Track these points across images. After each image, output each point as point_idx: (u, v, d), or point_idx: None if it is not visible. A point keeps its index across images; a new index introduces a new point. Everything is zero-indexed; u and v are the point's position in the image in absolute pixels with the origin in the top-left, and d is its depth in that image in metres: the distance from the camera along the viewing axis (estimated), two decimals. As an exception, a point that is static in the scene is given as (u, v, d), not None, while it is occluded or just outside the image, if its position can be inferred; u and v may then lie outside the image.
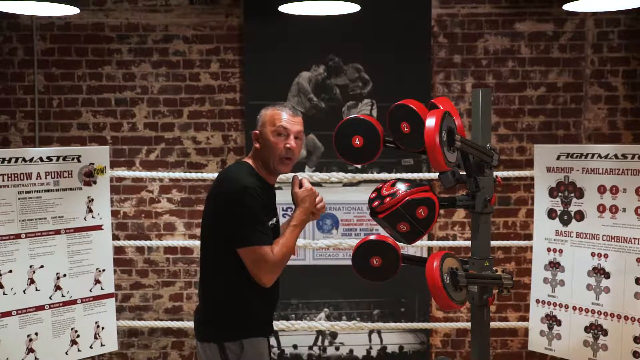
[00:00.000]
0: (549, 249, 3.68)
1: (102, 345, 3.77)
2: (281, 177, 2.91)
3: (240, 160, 2.74)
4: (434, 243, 4.43)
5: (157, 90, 4.67)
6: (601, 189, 3.49)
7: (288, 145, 2.62)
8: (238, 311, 2.58)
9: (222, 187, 2.60)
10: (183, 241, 4.59)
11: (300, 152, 2.73)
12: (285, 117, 2.65)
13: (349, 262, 2.72)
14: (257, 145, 2.66)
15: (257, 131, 2.67)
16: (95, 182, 3.73)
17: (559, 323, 3.64)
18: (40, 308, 3.54)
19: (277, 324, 4.03)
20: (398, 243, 2.65)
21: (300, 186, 2.70)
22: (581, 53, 4.66)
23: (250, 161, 2.68)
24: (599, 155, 3.50)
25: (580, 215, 3.57)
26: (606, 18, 4.62)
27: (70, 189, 3.65)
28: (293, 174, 2.84)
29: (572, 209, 3.60)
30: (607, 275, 3.46)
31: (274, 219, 2.68)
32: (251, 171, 2.63)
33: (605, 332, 3.46)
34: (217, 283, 2.61)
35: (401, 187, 2.48)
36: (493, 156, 2.57)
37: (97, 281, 3.75)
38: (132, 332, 4.72)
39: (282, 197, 2.95)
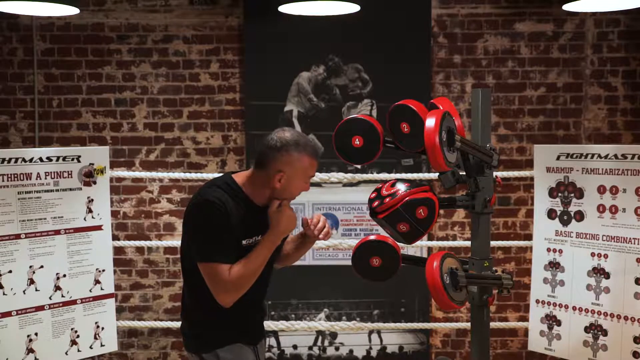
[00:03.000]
0: (548, 249, 3.68)
1: (102, 345, 3.77)
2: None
3: (227, 173, 2.57)
4: (434, 243, 4.43)
5: (157, 91, 4.67)
6: (601, 189, 3.49)
7: (306, 189, 2.53)
8: (208, 322, 2.51)
9: (191, 199, 2.49)
10: (183, 241, 4.59)
11: None
12: (316, 165, 2.51)
13: (349, 262, 2.72)
14: (277, 185, 2.44)
15: (283, 173, 2.42)
16: (95, 183, 3.72)
17: (558, 323, 3.64)
18: (40, 308, 3.54)
19: (277, 324, 4.03)
20: (398, 243, 2.65)
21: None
22: (581, 53, 4.66)
23: (239, 179, 2.50)
24: (599, 156, 3.50)
25: (580, 216, 3.57)
26: (606, 18, 4.62)
27: (70, 189, 3.65)
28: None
29: (572, 209, 3.60)
30: (607, 276, 3.46)
31: (254, 238, 2.49)
32: (229, 187, 2.45)
33: (605, 332, 3.46)
34: (189, 294, 2.55)
35: (401, 187, 2.48)
36: (493, 156, 2.57)
37: (97, 281, 3.74)
38: (132, 332, 4.72)
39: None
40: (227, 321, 2.50)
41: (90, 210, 3.72)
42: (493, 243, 3.40)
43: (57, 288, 3.59)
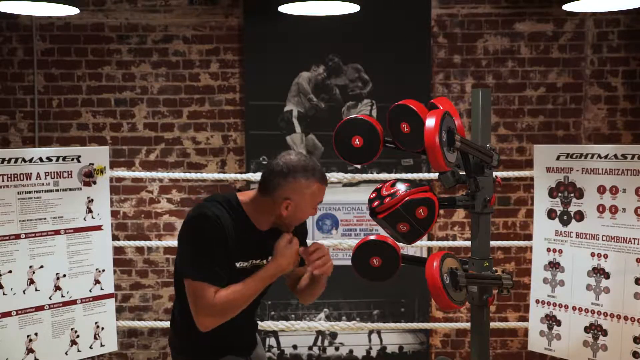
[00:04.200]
0: (548, 249, 3.68)
1: (101, 345, 3.77)
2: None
3: (232, 192, 2.46)
4: (434, 243, 4.43)
5: (156, 91, 4.67)
6: (601, 189, 3.49)
7: (314, 214, 2.43)
8: (199, 336, 2.34)
9: (189, 211, 2.36)
10: (183, 241, 4.59)
11: None
12: (325, 190, 2.39)
13: (349, 262, 2.72)
14: (284, 212, 2.31)
15: (290, 200, 2.29)
16: (95, 183, 3.72)
17: (558, 323, 3.64)
18: (40, 308, 3.54)
19: (277, 324, 4.03)
20: (398, 243, 2.65)
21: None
22: (581, 53, 4.66)
23: (243, 198, 2.38)
24: (599, 156, 3.50)
25: (580, 216, 3.57)
26: (606, 18, 4.62)
27: (70, 189, 3.65)
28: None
29: (572, 209, 3.60)
30: (606, 276, 3.46)
31: (250, 262, 2.39)
32: (230, 204, 2.34)
33: (605, 333, 3.46)
34: (181, 309, 2.42)
35: (401, 187, 2.48)
36: (493, 156, 2.57)
37: (97, 281, 3.74)
38: (131, 332, 4.72)
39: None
40: (218, 335, 2.34)
41: (90, 210, 3.72)
42: (493, 243, 3.40)
43: (57, 288, 3.59)
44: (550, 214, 3.68)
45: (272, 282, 2.35)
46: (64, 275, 3.62)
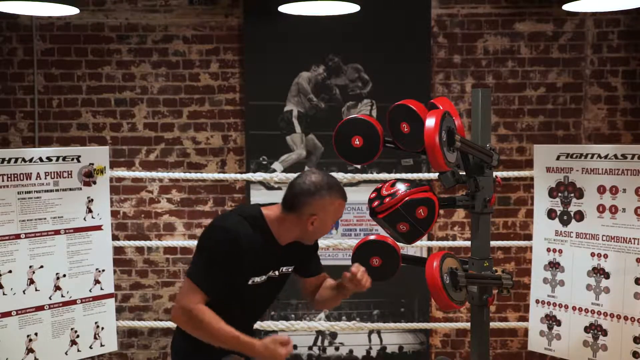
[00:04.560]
0: (548, 249, 3.68)
1: (101, 345, 3.77)
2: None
3: (257, 205, 2.53)
4: (434, 243, 4.43)
5: (156, 91, 4.67)
6: (601, 189, 3.49)
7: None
8: (183, 339, 2.47)
9: (214, 219, 2.51)
10: (183, 241, 4.59)
11: None
12: (345, 206, 2.51)
13: (349, 262, 2.72)
14: (310, 228, 2.43)
15: (316, 216, 2.41)
16: (94, 183, 3.73)
17: (558, 323, 3.64)
18: (40, 308, 3.54)
19: (277, 324, 4.03)
20: (398, 243, 2.65)
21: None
22: (581, 53, 4.66)
23: (268, 213, 2.47)
24: (599, 156, 3.50)
25: (580, 216, 3.57)
26: (606, 18, 4.62)
27: (70, 189, 3.65)
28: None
29: (572, 209, 3.60)
30: (606, 276, 3.46)
31: (268, 274, 2.49)
32: (255, 219, 2.43)
33: (605, 332, 3.46)
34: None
35: (401, 187, 2.48)
36: (493, 156, 2.57)
37: (97, 281, 3.75)
38: (131, 332, 4.72)
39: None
40: (200, 345, 2.42)
41: (90, 210, 3.72)
42: (493, 243, 3.40)
43: (57, 288, 3.60)
44: (550, 214, 3.68)
45: (235, 348, 2.39)
46: (64, 275, 3.62)
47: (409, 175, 4.07)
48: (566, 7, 3.39)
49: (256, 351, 2.35)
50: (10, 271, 3.44)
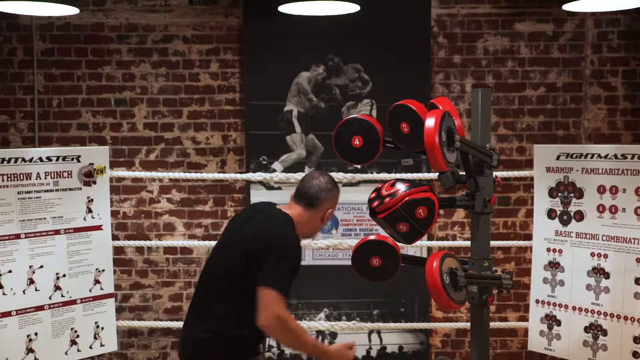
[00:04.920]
0: (548, 249, 3.68)
1: (101, 345, 3.77)
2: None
3: (280, 210, 2.78)
4: (434, 243, 4.43)
5: (156, 91, 4.67)
6: (601, 189, 3.49)
7: None
8: (243, 337, 2.66)
9: (271, 228, 2.66)
10: (183, 241, 4.59)
11: None
12: None
13: (349, 262, 2.72)
14: (325, 221, 2.81)
15: (332, 209, 2.80)
16: (94, 182, 3.72)
17: (558, 323, 3.64)
18: (40, 308, 3.54)
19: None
20: (398, 243, 2.65)
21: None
22: (581, 53, 4.66)
23: (291, 213, 2.75)
24: (599, 156, 3.50)
25: (579, 216, 3.57)
26: (606, 18, 4.62)
27: (70, 189, 3.65)
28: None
29: (572, 209, 3.60)
30: (606, 276, 3.46)
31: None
32: (294, 228, 2.72)
33: (604, 332, 3.46)
34: (233, 311, 2.64)
35: (401, 187, 2.48)
36: (493, 156, 2.57)
37: (97, 281, 3.75)
38: (131, 332, 4.72)
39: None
40: (254, 336, 2.68)
41: (90, 210, 3.72)
42: (493, 243, 3.40)
43: (57, 288, 3.60)
44: (550, 213, 3.68)
45: (314, 354, 2.80)
46: (64, 275, 3.62)
47: (409, 175, 4.07)
48: (566, 7, 3.39)
49: (331, 356, 2.69)
50: (10, 271, 3.44)
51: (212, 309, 2.67)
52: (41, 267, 3.54)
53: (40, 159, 3.55)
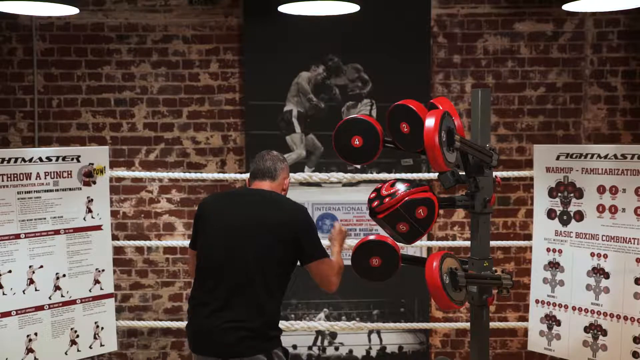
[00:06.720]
0: (548, 249, 3.68)
1: (101, 345, 3.77)
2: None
3: (271, 192, 2.94)
4: (434, 243, 4.43)
5: (156, 91, 4.67)
6: (601, 189, 3.49)
7: None
8: (278, 322, 2.84)
9: (286, 209, 2.84)
10: (182, 241, 4.59)
11: None
12: None
13: (349, 262, 2.72)
14: (286, 187, 3.01)
15: (288, 177, 3.03)
16: (94, 182, 3.73)
17: (558, 323, 3.64)
18: (40, 308, 3.54)
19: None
20: (398, 243, 2.65)
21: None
22: (581, 53, 4.66)
23: (271, 188, 2.95)
24: (599, 156, 3.50)
25: (579, 216, 3.57)
26: (606, 18, 4.62)
27: (70, 189, 3.65)
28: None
29: (572, 209, 3.60)
30: (606, 276, 3.46)
31: None
32: None
33: (604, 332, 3.46)
34: (275, 299, 2.77)
35: (400, 187, 2.48)
36: (492, 156, 2.57)
37: (97, 281, 3.75)
38: (131, 332, 4.72)
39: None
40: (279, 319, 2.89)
41: (89, 210, 3.72)
42: (493, 243, 3.40)
43: (57, 288, 3.60)
44: (550, 213, 3.68)
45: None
46: (64, 275, 3.62)
47: (409, 175, 4.07)
48: (566, 7, 3.39)
49: (340, 245, 3.08)
50: (10, 271, 3.44)
51: (245, 298, 2.69)
52: (41, 267, 3.54)
53: (40, 159, 3.55)
